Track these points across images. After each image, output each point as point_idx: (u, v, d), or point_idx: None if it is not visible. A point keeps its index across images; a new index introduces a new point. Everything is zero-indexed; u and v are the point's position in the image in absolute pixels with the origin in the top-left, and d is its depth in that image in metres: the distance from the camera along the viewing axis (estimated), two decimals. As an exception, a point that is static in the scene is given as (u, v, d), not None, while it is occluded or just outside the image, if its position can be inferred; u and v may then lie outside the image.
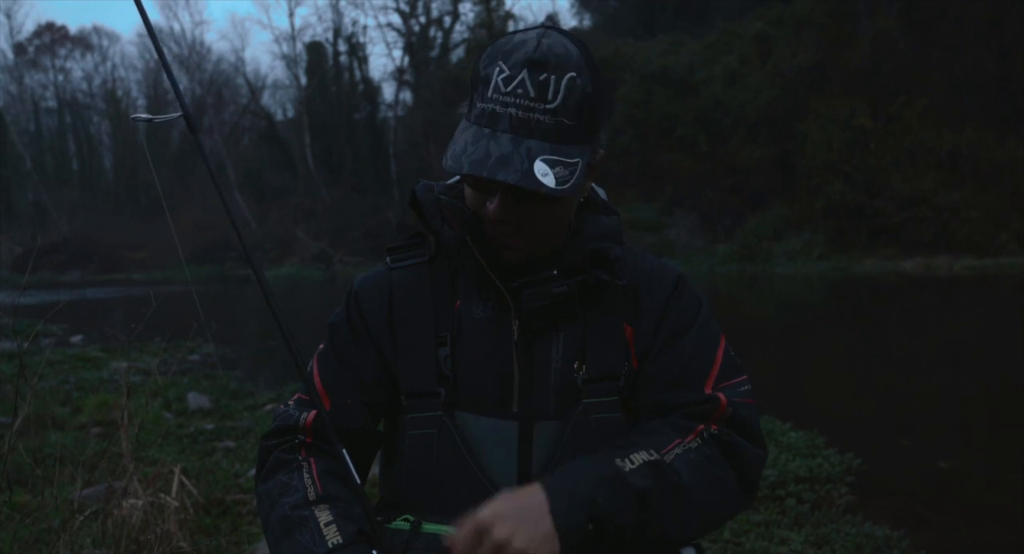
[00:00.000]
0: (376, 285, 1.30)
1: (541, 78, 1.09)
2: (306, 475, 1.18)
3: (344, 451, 1.15)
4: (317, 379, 1.27)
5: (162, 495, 3.46)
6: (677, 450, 1.14)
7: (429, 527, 1.13)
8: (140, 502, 3.27)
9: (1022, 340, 10.34)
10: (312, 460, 1.21)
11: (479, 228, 1.19)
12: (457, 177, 1.29)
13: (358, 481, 1.15)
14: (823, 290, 20.81)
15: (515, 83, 1.09)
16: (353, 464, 1.18)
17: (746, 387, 1.25)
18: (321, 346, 1.31)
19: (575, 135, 1.12)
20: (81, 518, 3.05)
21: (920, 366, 9.00)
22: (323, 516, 1.12)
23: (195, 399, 7.36)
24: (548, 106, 1.09)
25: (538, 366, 1.20)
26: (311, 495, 1.15)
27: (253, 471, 4.87)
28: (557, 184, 1.08)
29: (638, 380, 1.24)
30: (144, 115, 1.22)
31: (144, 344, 9.52)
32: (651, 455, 1.11)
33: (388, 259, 1.31)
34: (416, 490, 1.19)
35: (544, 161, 1.08)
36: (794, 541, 3.56)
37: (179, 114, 1.19)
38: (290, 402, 1.30)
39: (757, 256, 27.89)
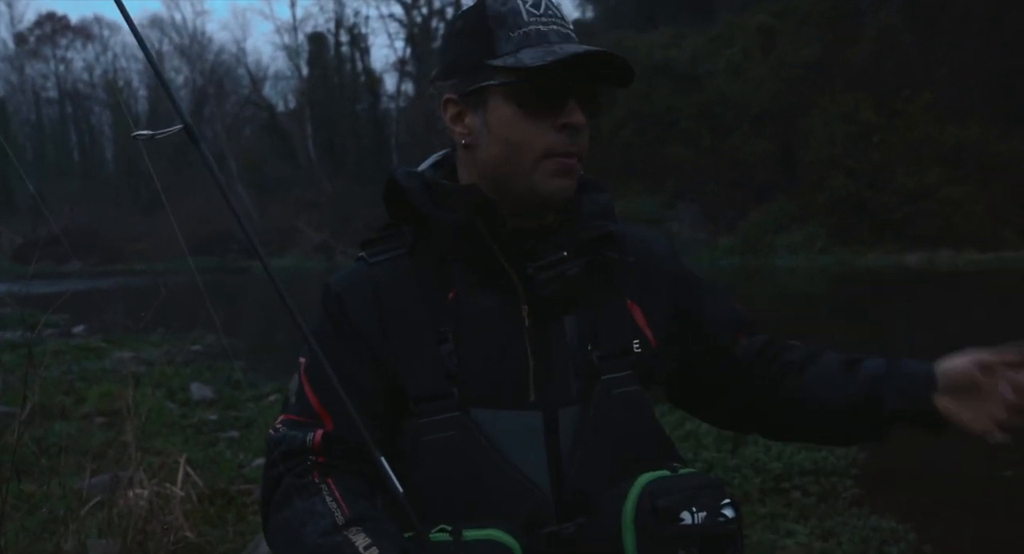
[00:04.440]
0: (358, 283, 1.18)
1: (555, 3, 1.14)
2: (328, 498, 1.07)
3: (382, 458, 1.03)
4: (312, 397, 1.14)
5: (167, 485, 3.47)
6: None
7: (471, 534, 1.04)
8: (145, 492, 3.28)
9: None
10: (330, 481, 1.09)
11: (492, 206, 1.12)
12: (436, 158, 1.27)
13: (400, 489, 1.03)
14: (825, 284, 20.79)
15: (543, 7, 1.12)
16: (366, 486, 1.10)
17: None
18: (303, 360, 1.17)
19: None
20: (87, 508, 3.05)
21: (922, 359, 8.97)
22: (360, 540, 1.01)
23: (198, 389, 7.38)
24: (572, 28, 1.14)
25: (554, 351, 1.14)
26: (339, 519, 1.04)
27: (257, 461, 4.87)
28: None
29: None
30: (145, 131, 1.18)
31: (146, 335, 9.51)
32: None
33: (365, 253, 1.21)
34: (444, 498, 1.10)
35: None
36: (800, 533, 3.56)
37: (180, 127, 1.14)
38: (278, 426, 1.15)
39: (759, 249, 27.85)
